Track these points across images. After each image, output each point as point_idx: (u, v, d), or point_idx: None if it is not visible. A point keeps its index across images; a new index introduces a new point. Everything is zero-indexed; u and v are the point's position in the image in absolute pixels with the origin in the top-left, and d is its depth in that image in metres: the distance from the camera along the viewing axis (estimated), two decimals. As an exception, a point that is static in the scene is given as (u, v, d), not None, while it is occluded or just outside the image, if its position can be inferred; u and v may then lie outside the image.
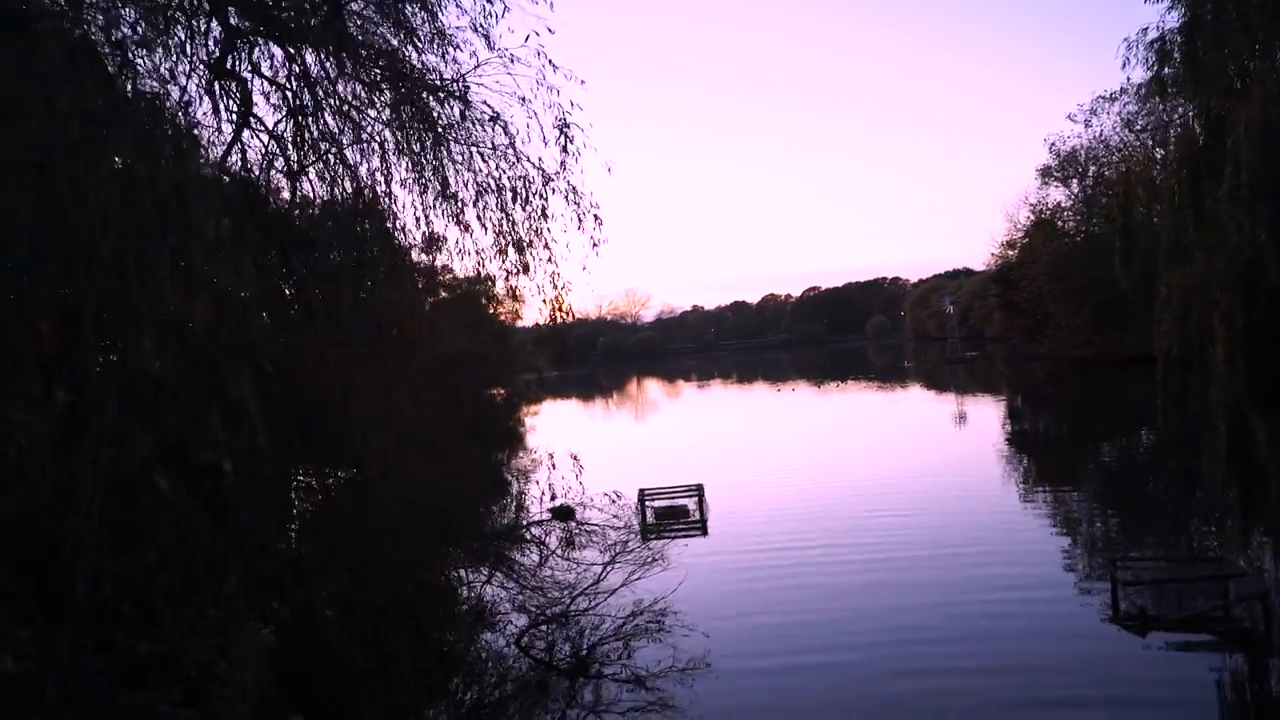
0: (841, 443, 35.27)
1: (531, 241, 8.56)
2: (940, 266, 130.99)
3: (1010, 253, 58.18)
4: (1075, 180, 50.88)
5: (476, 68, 8.27)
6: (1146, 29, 11.11)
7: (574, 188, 8.48)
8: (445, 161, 9.06)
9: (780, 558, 15.91)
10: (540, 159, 8.36)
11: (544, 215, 8.37)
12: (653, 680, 10.48)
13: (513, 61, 8.15)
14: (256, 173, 7.17)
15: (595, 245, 9.14)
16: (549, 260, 8.45)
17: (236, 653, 6.18)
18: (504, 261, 9.34)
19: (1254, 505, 10.20)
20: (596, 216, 8.68)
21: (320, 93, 8.42)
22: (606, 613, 11.54)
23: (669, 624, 11.66)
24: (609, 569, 11.86)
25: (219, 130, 6.93)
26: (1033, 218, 54.65)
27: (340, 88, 8.55)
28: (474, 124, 8.45)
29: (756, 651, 11.35)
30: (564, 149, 8.23)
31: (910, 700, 9.61)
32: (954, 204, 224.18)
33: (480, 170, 8.76)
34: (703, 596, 12.94)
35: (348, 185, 8.74)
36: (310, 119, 8.39)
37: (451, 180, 9.19)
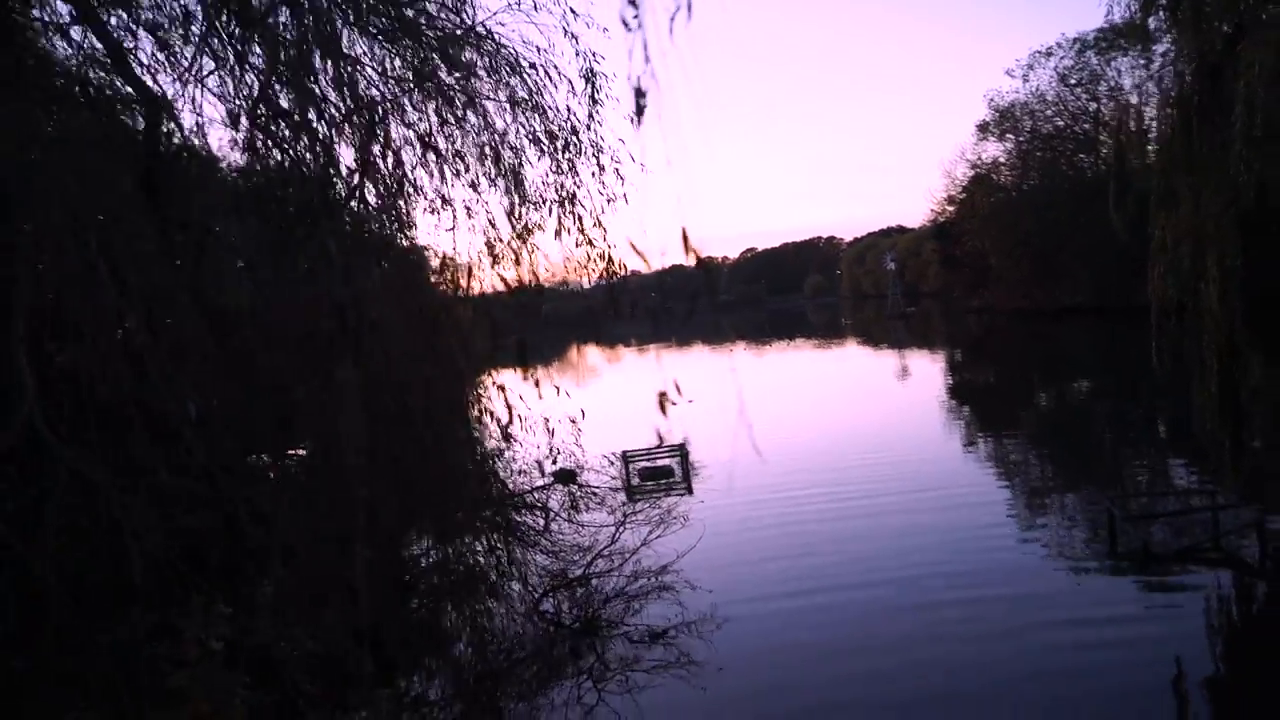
0: (795, 399, 35.80)
1: (555, 198, 8.30)
2: (874, 225, 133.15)
3: (949, 208, 59.38)
4: (1012, 135, 52.03)
5: (493, 15, 7.91)
6: (1129, -25, 11.27)
7: (596, 143, 8.24)
8: (452, 117, 8.72)
9: (770, 508, 16.18)
10: (570, 110, 8.07)
11: (573, 170, 8.11)
12: (671, 636, 10.53)
13: (536, 9, 7.81)
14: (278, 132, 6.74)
15: (611, 201, 8.93)
16: (580, 217, 8.19)
17: (300, 630, 5.95)
18: (516, 223, 9.08)
19: (1242, 438, 10.63)
20: (618, 171, 8.47)
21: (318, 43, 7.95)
22: (620, 574, 11.52)
23: (681, 581, 11.71)
24: (621, 530, 11.82)
25: (242, 80, 6.49)
26: (971, 173, 55.80)
27: (343, 39, 8.09)
28: (491, 75, 8.12)
29: (770, 599, 11.57)
30: (592, 99, 7.97)
31: (932, 628, 9.96)
32: (886, 162, 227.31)
33: (495, 125, 8.45)
34: (707, 551, 13.03)
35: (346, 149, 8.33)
36: (307, 74, 7.93)
37: (460, 138, 8.86)
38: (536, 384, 6.74)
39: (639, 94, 2.13)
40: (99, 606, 4.12)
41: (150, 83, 6.86)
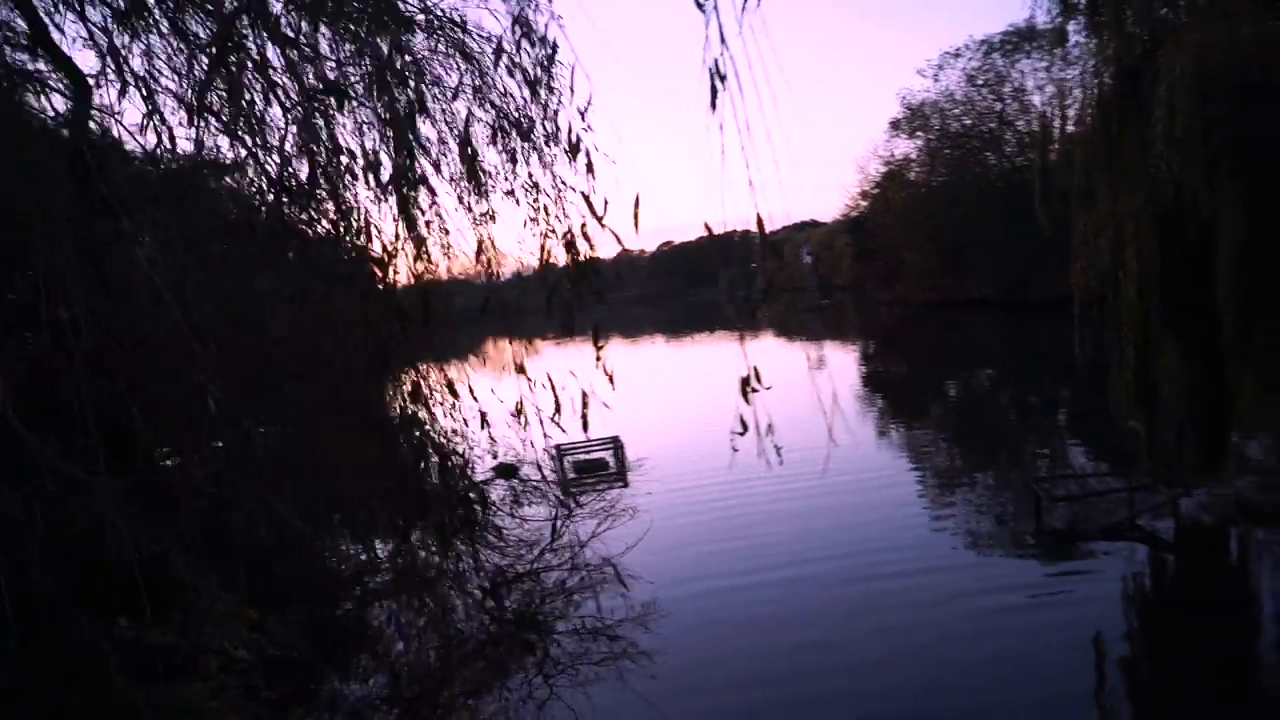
0: (716, 389, 36.15)
1: (514, 186, 8.15)
2: (788, 219, 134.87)
3: (863, 203, 61.03)
4: (922, 133, 53.78)
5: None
6: (1051, -18, 11.80)
7: (555, 130, 8.10)
8: (399, 105, 8.47)
9: (702, 495, 16.34)
10: (525, 97, 7.90)
11: (538, 157, 7.95)
12: (619, 628, 10.55)
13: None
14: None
15: (561, 191, 8.82)
16: (546, 207, 8.02)
17: (261, 636, 5.71)
18: (471, 213, 8.89)
19: (1157, 421, 11.28)
20: (571, 157, 8.35)
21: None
22: (566, 568, 11.47)
23: (625, 572, 11.71)
24: (565, 525, 11.75)
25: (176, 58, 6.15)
26: (884, 169, 57.41)
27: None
28: (444, 61, 7.92)
29: (709, 581, 11.77)
30: (549, 87, 7.81)
31: (872, 600, 10.42)
32: (799, 157, 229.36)
33: (447, 113, 8.25)
34: (647, 540, 13.10)
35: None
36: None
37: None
38: (610, 377, 6.36)
39: (716, 76, 2.09)
40: (100, 611, 3.86)
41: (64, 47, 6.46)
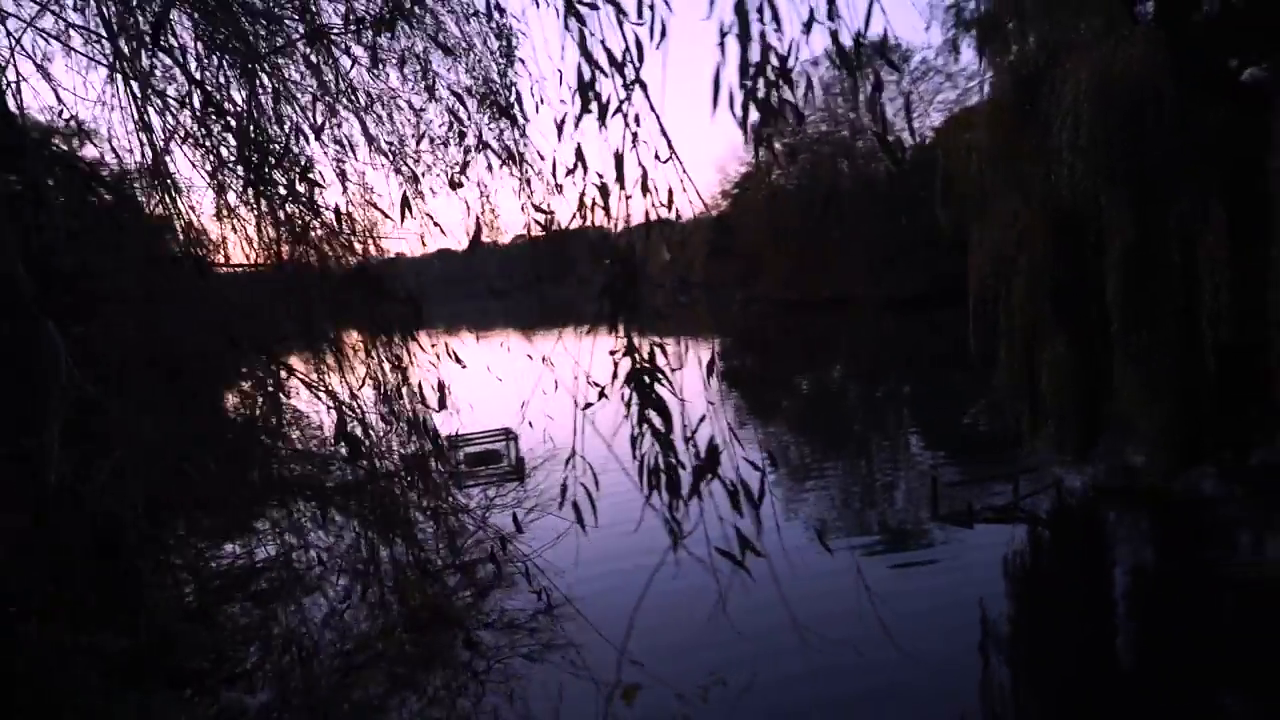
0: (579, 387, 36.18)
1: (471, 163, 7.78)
2: (640, 216, 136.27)
3: (722, 203, 62.58)
4: (780, 138, 55.63)
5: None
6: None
7: (505, 106, 7.80)
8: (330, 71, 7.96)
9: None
10: (477, 66, 7.55)
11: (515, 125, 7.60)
12: (541, 620, 10.40)
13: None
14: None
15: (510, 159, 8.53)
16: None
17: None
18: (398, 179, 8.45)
19: (1040, 408, 12.22)
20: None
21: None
22: (487, 562, 11.13)
23: (541, 562, 11.50)
24: (488, 514, 11.39)
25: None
26: (743, 170, 59.12)
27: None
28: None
29: (623, 569, 11.81)
30: (508, 59, 7.52)
31: (784, 576, 10.70)
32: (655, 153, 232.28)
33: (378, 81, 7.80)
34: (546, 531, 12.97)
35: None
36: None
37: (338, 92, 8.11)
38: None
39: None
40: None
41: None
